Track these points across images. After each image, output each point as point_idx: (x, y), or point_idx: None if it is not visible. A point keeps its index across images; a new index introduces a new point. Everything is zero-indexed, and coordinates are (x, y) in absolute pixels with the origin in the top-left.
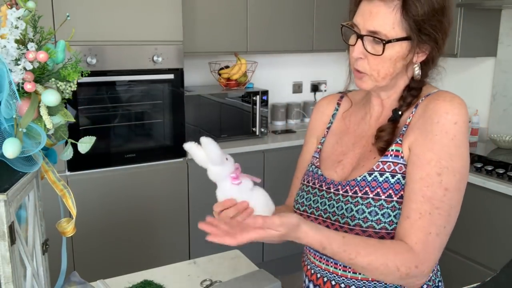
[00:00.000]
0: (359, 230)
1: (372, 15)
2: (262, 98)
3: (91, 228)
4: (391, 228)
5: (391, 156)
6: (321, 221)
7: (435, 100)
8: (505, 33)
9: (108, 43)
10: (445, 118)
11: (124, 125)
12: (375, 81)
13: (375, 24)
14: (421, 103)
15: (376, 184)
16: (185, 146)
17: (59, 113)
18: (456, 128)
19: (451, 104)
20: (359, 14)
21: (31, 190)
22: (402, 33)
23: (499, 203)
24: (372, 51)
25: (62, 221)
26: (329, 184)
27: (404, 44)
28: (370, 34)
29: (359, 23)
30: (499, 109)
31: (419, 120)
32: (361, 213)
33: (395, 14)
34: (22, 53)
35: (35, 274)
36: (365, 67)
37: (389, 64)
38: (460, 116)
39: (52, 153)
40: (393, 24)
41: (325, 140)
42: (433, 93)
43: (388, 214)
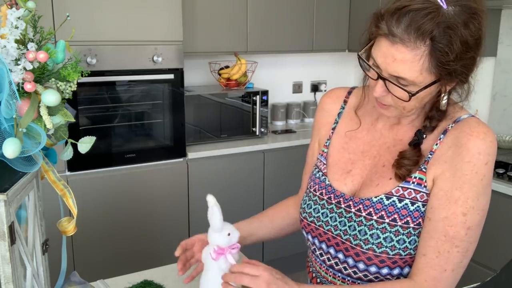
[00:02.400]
0: (371, 255)
1: (396, 61)
2: (262, 98)
3: (91, 228)
4: (405, 254)
5: (413, 183)
6: (330, 237)
7: (467, 134)
8: (505, 33)
9: (108, 43)
10: (477, 158)
11: (124, 125)
12: (401, 112)
13: (400, 70)
14: (450, 130)
15: (393, 210)
16: (208, 199)
17: (59, 113)
18: (486, 168)
19: (483, 143)
20: (380, 54)
21: (31, 190)
22: (431, 77)
23: (499, 203)
24: (396, 94)
25: (62, 220)
26: (339, 197)
27: (432, 86)
28: (393, 81)
29: (381, 63)
30: (499, 109)
31: (448, 152)
32: (375, 238)
33: (422, 61)
34: (22, 53)
35: (35, 274)
36: (389, 101)
37: (415, 102)
38: (491, 156)
39: (52, 153)
40: (421, 71)
41: (331, 142)
42: (463, 119)
43: (403, 240)
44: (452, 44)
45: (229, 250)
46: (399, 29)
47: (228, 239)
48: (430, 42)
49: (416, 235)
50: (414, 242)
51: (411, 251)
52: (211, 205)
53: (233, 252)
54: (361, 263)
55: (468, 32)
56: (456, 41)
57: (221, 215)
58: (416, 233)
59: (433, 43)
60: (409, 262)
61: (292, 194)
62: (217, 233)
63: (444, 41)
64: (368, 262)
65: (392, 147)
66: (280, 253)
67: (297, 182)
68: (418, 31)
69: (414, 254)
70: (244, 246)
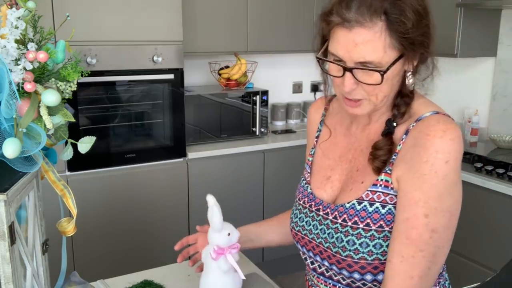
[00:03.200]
0: (351, 261)
1: (357, 45)
2: (262, 98)
3: (91, 228)
4: (384, 259)
5: (380, 186)
6: (314, 245)
7: (425, 134)
8: (505, 33)
9: (108, 43)
10: (435, 157)
11: (124, 125)
12: (373, 105)
13: (365, 54)
14: (411, 130)
15: (365, 214)
16: (208, 199)
17: (59, 113)
18: (447, 167)
19: (442, 141)
20: (339, 46)
21: (31, 190)
22: (394, 53)
23: (499, 203)
24: (367, 81)
25: (62, 220)
26: (318, 205)
27: (399, 61)
28: (361, 67)
29: (342, 56)
30: (499, 109)
31: (408, 152)
32: (351, 245)
33: (383, 37)
34: (22, 53)
35: (35, 274)
36: (362, 94)
37: (386, 86)
38: (452, 153)
39: (52, 153)
40: (384, 49)
41: (315, 151)
42: (424, 117)
43: (380, 244)
44: (405, 12)
45: (229, 250)
46: (352, 13)
47: (228, 239)
48: (384, 16)
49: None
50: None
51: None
52: (211, 205)
53: (233, 252)
54: (344, 270)
55: (415, 1)
56: (408, 9)
57: (221, 215)
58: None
59: (388, 16)
60: None
61: (292, 194)
62: (217, 233)
63: (396, 11)
64: (349, 269)
65: (365, 149)
66: (280, 253)
67: (297, 182)
68: (370, 9)
69: None
70: None
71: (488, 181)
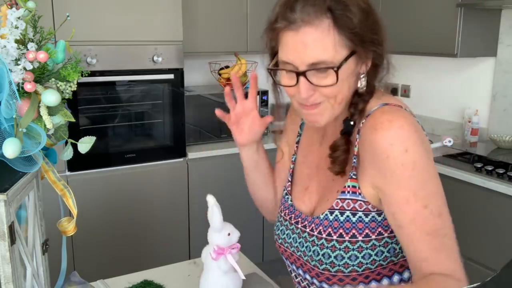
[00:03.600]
0: (328, 274)
1: (307, 45)
2: (262, 98)
3: (91, 228)
4: (362, 270)
5: (348, 193)
6: (296, 258)
7: (373, 130)
8: (505, 33)
9: (108, 43)
10: (393, 150)
11: (124, 125)
12: (332, 108)
13: (316, 54)
14: (362, 128)
15: (338, 225)
16: (208, 199)
17: (59, 113)
18: (410, 155)
19: (390, 132)
20: (289, 50)
21: (31, 190)
22: (345, 50)
23: (499, 203)
24: (322, 83)
25: (63, 220)
26: (297, 217)
27: (351, 59)
28: (314, 68)
29: (293, 60)
30: (499, 109)
31: (367, 154)
32: (327, 258)
33: (332, 34)
34: (22, 53)
35: (35, 274)
36: (319, 97)
37: (342, 86)
38: (406, 140)
39: (52, 153)
40: (334, 46)
41: (296, 158)
42: (373, 111)
43: (355, 256)
44: (349, 7)
45: (229, 250)
46: (297, 14)
47: (228, 239)
48: (330, 13)
49: (369, 248)
50: (369, 256)
51: (368, 265)
52: (211, 205)
53: (233, 252)
54: (324, 283)
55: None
56: (352, 5)
57: (221, 215)
58: (368, 246)
59: (333, 12)
60: (384, 273)
61: None
62: (217, 233)
63: (341, 7)
64: (328, 282)
65: None
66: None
67: None
68: (314, 7)
69: (372, 269)
70: (244, 247)
71: (488, 181)
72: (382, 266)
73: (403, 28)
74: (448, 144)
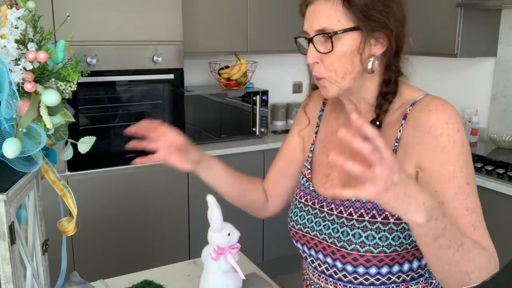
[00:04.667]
0: (356, 255)
1: (315, 14)
2: (262, 98)
3: (91, 228)
4: (390, 251)
5: None
6: (317, 242)
7: (427, 111)
8: (505, 33)
9: (108, 43)
10: (448, 128)
11: (124, 125)
12: (335, 82)
13: (321, 22)
14: (409, 114)
15: (371, 206)
16: (208, 199)
17: (59, 113)
18: (460, 135)
19: (445, 113)
20: (306, 20)
21: (31, 190)
22: (349, 24)
23: (499, 203)
24: (323, 49)
25: (62, 220)
26: (322, 202)
27: (355, 35)
28: (318, 34)
29: (307, 29)
30: (499, 109)
31: (415, 133)
32: (357, 238)
33: (337, 6)
34: (22, 53)
35: (35, 274)
36: (322, 71)
37: (344, 61)
38: (458, 122)
39: (52, 153)
40: (338, 17)
41: (314, 147)
42: (418, 100)
43: (385, 237)
44: None
45: (229, 250)
46: None
47: (228, 239)
48: None
49: (399, 230)
50: (398, 238)
51: (396, 247)
52: (211, 205)
53: (233, 252)
54: (349, 265)
55: None
56: None
57: (221, 215)
58: (399, 229)
59: None
60: (397, 260)
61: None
62: (217, 233)
63: None
64: (354, 263)
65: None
66: (280, 253)
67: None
68: None
69: (400, 251)
70: (244, 247)
71: (488, 181)
72: (407, 250)
73: None
74: None
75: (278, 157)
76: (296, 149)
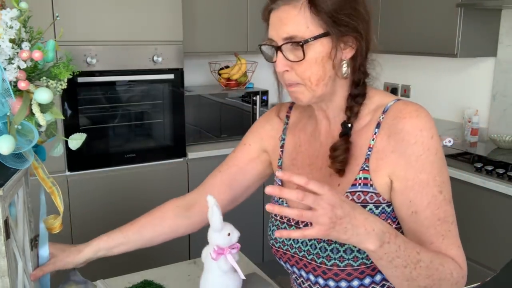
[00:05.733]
0: (337, 270)
1: (282, 21)
2: (262, 98)
3: (91, 228)
4: (370, 262)
5: (359, 185)
6: (298, 259)
7: (401, 118)
8: (505, 33)
9: (108, 43)
10: (422, 135)
11: (124, 125)
12: (310, 90)
13: (288, 29)
14: (383, 122)
15: None
16: (208, 199)
17: (49, 110)
18: (434, 142)
19: (419, 120)
20: (271, 27)
21: (20, 187)
22: (318, 30)
23: (499, 203)
24: (293, 58)
25: (49, 217)
26: None
27: (325, 41)
28: (286, 42)
29: (273, 36)
30: (499, 109)
31: (390, 142)
32: (336, 253)
33: (305, 13)
34: (16, 52)
35: (26, 269)
36: (293, 78)
37: (316, 67)
38: (432, 128)
39: (42, 150)
40: (306, 24)
41: (282, 161)
42: (390, 106)
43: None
44: None
45: (229, 250)
46: None
47: (228, 239)
48: None
49: None
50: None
51: None
52: (211, 205)
53: (233, 252)
54: (331, 281)
55: None
56: None
57: (221, 215)
58: None
59: None
60: (379, 269)
61: None
62: (217, 233)
63: None
64: (336, 278)
65: None
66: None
67: None
68: None
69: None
70: (244, 247)
71: (488, 181)
72: None
73: (403, 28)
74: (448, 144)
75: (223, 166)
76: (254, 159)
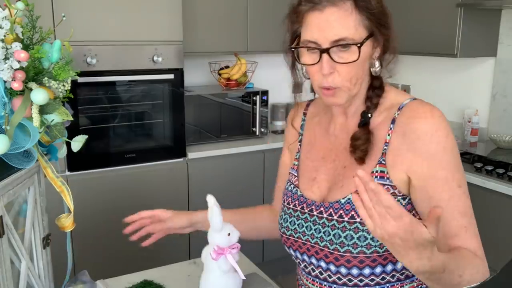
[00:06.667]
0: (349, 257)
1: (330, 23)
2: (262, 98)
3: (91, 228)
4: (383, 251)
5: (376, 178)
6: (309, 246)
7: (416, 118)
8: (505, 33)
9: (108, 43)
10: (437, 135)
11: (124, 125)
12: (348, 91)
13: (338, 31)
14: (398, 118)
15: None
16: (208, 199)
17: (56, 111)
18: (449, 140)
19: (433, 120)
20: (314, 29)
21: (31, 185)
22: (364, 31)
23: (499, 203)
24: (343, 60)
25: (61, 216)
26: (310, 206)
27: (369, 42)
28: (336, 44)
29: (317, 38)
30: (499, 109)
31: (405, 140)
32: (349, 239)
33: (353, 14)
34: (10, 52)
35: (31, 268)
36: (337, 81)
37: (360, 68)
38: (447, 127)
39: (54, 150)
40: (355, 26)
41: (300, 155)
42: (405, 104)
43: None
44: None
45: (229, 250)
46: None
47: (228, 239)
48: None
49: None
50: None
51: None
52: (211, 205)
53: (233, 252)
54: (342, 267)
55: None
56: None
57: (221, 215)
58: None
59: None
60: (390, 259)
61: None
62: (217, 233)
63: None
64: (348, 265)
65: (348, 146)
66: (280, 253)
67: None
68: None
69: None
70: (244, 247)
71: (488, 181)
72: None
73: (403, 28)
74: None
75: (278, 178)
76: (290, 165)
